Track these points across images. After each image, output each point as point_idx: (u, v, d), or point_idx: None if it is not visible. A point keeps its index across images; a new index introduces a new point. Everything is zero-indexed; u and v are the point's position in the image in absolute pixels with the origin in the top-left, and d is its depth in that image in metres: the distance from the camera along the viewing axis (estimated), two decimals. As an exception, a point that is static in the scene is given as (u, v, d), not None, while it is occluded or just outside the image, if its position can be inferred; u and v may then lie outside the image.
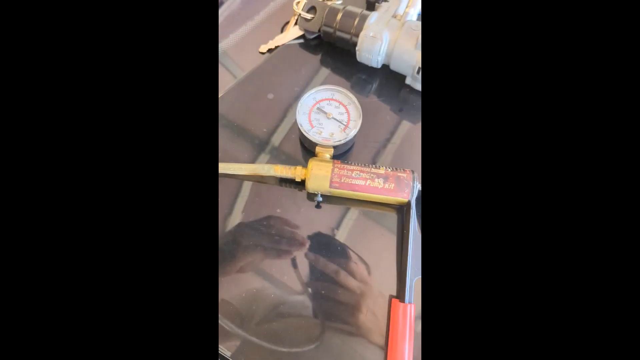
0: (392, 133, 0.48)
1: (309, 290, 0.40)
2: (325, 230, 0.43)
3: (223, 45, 0.54)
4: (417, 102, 0.50)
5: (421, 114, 0.50)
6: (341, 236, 0.43)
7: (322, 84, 0.47)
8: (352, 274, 0.41)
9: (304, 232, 0.43)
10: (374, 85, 0.52)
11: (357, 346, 0.38)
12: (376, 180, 0.41)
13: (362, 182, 0.41)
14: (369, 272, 0.42)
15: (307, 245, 0.42)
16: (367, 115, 0.48)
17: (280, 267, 0.41)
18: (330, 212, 0.44)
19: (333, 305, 0.40)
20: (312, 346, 0.38)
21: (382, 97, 0.51)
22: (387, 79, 0.52)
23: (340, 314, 0.39)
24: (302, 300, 0.40)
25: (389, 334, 0.38)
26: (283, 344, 0.38)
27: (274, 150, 0.47)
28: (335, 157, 0.45)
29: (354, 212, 0.44)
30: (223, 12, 0.57)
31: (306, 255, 0.42)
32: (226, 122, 0.48)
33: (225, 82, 0.51)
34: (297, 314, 0.40)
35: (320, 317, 0.40)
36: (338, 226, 0.44)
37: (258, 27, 0.55)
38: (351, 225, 0.44)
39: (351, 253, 0.42)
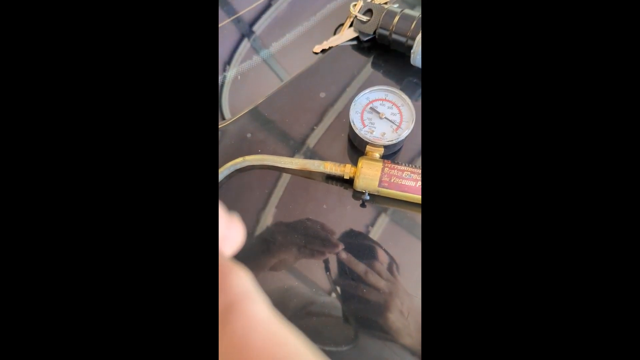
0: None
1: (349, 291, 0.40)
2: (368, 230, 0.43)
3: (277, 45, 0.56)
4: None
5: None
6: (383, 238, 0.43)
7: (373, 85, 0.48)
8: (387, 277, 0.40)
9: (346, 229, 0.43)
10: (426, 90, 0.51)
11: (395, 348, 0.38)
12: (427, 182, 0.41)
13: (412, 184, 0.41)
14: (402, 274, 0.41)
15: (346, 246, 0.42)
16: (417, 118, 0.48)
17: (314, 267, 0.42)
18: (375, 212, 0.44)
19: (369, 307, 0.40)
20: (347, 347, 0.38)
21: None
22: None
23: (376, 317, 0.39)
24: (340, 301, 0.40)
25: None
26: (316, 341, 0.39)
27: (322, 147, 0.48)
28: (383, 157, 0.46)
29: (400, 214, 0.44)
30: (272, 14, 0.59)
31: (347, 255, 0.42)
32: (278, 118, 0.49)
33: (276, 81, 0.53)
34: (332, 314, 0.40)
35: (354, 319, 0.39)
36: (381, 227, 0.44)
37: (314, 28, 0.56)
38: (395, 227, 0.44)
39: (395, 257, 0.42)
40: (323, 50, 0.54)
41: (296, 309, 0.40)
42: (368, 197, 0.43)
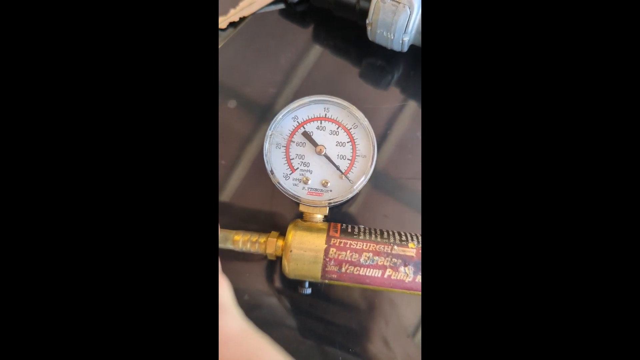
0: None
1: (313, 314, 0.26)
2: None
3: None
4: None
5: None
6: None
7: (314, 77, 0.29)
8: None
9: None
10: (396, 77, 0.33)
11: None
12: (402, 269, 0.24)
13: (377, 273, 0.24)
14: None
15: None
16: (387, 126, 0.30)
17: None
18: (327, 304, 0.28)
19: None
20: None
21: (412, 95, 0.32)
22: (418, 64, 0.32)
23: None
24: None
25: None
26: None
27: (239, 197, 0.30)
28: (333, 207, 0.28)
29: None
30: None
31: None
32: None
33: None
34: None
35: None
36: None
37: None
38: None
39: None
40: (232, 24, 0.34)
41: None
42: (309, 291, 0.27)
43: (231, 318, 0.20)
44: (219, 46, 0.33)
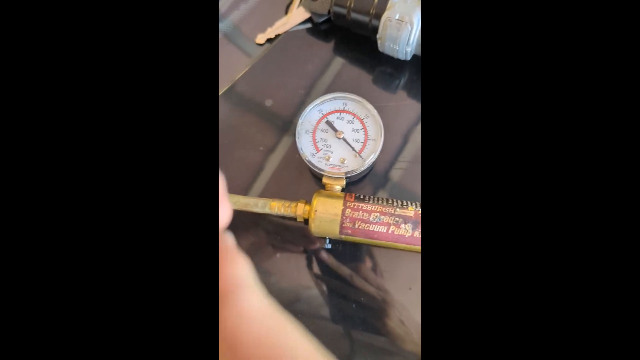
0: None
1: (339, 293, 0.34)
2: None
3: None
4: (461, 103, 0.38)
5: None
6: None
7: (333, 88, 0.36)
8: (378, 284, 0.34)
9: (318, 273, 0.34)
10: (402, 82, 0.40)
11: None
12: (402, 226, 0.30)
13: (383, 229, 0.31)
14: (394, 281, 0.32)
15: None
16: (396, 122, 0.37)
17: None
18: (347, 255, 0.35)
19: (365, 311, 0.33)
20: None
21: (414, 96, 0.39)
22: (420, 71, 0.39)
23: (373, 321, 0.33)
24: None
25: None
26: None
27: (274, 177, 0.37)
28: (350, 185, 0.35)
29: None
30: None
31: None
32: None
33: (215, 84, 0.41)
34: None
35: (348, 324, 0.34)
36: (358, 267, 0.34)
37: (254, 11, 0.43)
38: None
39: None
40: (269, 40, 0.42)
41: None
42: (329, 246, 0.33)
43: (250, 294, 0.19)
44: (258, 59, 0.41)
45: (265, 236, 0.36)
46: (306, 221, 0.33)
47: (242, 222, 0.36)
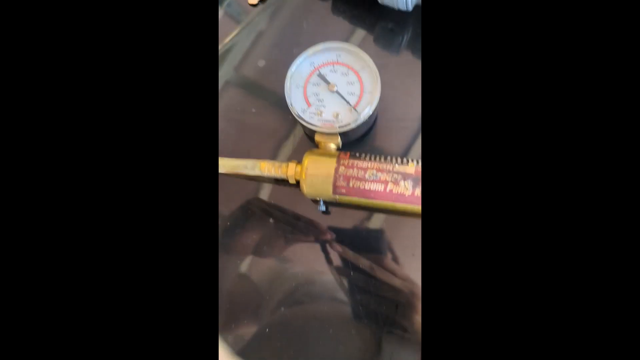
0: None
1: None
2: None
3: None
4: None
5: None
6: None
7: (332, 39, 0.34)
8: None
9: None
10: (406, 38, 0.37)
11: None
12: (402, 183, 0.27)
13: (379, 187, 0.28)
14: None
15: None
16: (398, 80, 0.34)
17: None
18: (343, 217, 0.32)
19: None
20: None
21: (418, 53, 0.36)
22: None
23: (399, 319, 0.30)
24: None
25: None
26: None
27: (268, 138, 0.35)
28: (346, 145, 0.32)
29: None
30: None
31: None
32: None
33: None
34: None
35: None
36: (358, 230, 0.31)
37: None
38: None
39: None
40: (262, 1, 0.40)
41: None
42: (324, 208, 0.31)
43: None
44: (251, 20, 0.39)
45: (276, 227, 0.33)
46: (298, 183, 0.30)
47: (253, 212, 0.33)
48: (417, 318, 0.29)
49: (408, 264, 0.31)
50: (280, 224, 0.33)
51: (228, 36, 0.38)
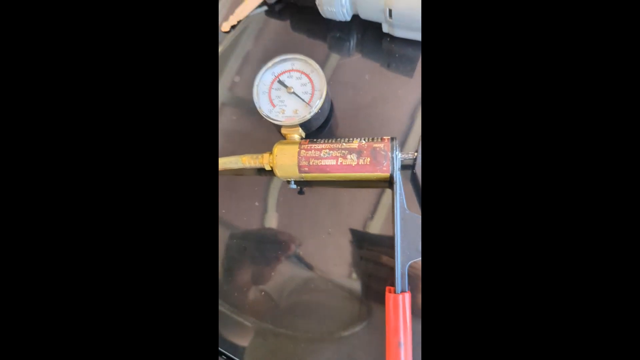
0: (383, 94, 0.41)
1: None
2: (311, 217, 0.39)
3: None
4: (403, 51, 0.42)
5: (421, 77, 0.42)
6: (333, 221, 0.38)
7: (292, 52, 0.42)
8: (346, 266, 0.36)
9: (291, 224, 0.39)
10: (353, 42, 0.44)
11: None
12: (349, 156, 0.35)
13: (332, 162, 0.35)
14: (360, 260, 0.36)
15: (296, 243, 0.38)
16: (352, 77, 0.42)
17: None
18: (313, 196, 0.39)
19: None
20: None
21: (364, 53, 0.43)
22: (365, 30, 0.44)
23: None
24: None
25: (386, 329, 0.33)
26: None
27: (248, 138, 0.43)
28: (309, 135, 0.40)
29: (341, 193, 0.39)
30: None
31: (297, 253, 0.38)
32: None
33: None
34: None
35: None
36: (328, 210, 0.39)
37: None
38: (344, 208, 0.39)
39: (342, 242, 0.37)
40: (233, 27, 0.48)
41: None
42: (294, 186, 0.38)
43: None
44: (227, 45, 0.47)
45: (255, 260, 0.39)
46: (271, 170, 0.38)
47: (232, 257, 0.40)
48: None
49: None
50: (255, 257, 0.39)
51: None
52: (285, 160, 0.36)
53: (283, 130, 0.38)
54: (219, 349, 0.38)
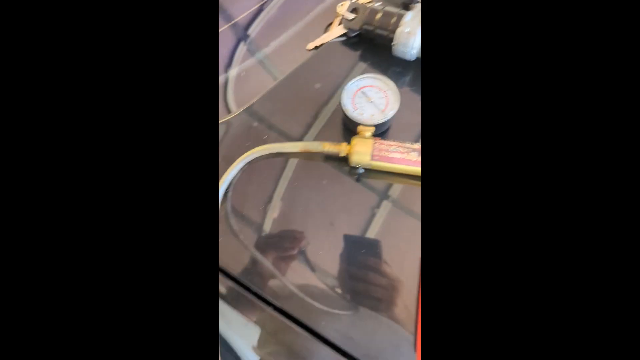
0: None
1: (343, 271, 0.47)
2: (364, 206, 0.50)
3: (274, 45, 0.62)
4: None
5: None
6: (379, 219, 0.49)
7: (363, 74, 0.54)
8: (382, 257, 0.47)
9: (343, 204, 0.50)
10: (408, 77, 0.58)
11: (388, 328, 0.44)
12: (411, 153, 0.47)
13: (398, 156, 0.47)
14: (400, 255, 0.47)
15: (346, 224, 0.49)
16: (402, 102, 0.55)
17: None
18: (370, 186, 0.51)
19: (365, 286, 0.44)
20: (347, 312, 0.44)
21: (415, 86, 0.57)
22: (420, 70, 0.58)
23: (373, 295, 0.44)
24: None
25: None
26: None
27: (320, 131, 0.54)
28: (377, 136, 0.52)
29: (395, 188, 0.50)
30: (265, 17, 0.65)
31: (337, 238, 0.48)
32: (280, 108, 0.56)
33: (272, 79, 0.59)
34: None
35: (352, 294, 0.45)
36: (378, 204, 0.50)
37: (305, 28, 0.63)
38: (391, 207, 0.50)
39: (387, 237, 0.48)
40: (316, 47, 0.61)
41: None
42: (362, 171, 0.50)
43: None
44: (309, 59, 0.59)
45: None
46: (345, 158, 0.49)
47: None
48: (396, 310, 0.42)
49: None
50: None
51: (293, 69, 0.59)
52: (362, 149, 0.48)
53: (359, 128, 0.50)
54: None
